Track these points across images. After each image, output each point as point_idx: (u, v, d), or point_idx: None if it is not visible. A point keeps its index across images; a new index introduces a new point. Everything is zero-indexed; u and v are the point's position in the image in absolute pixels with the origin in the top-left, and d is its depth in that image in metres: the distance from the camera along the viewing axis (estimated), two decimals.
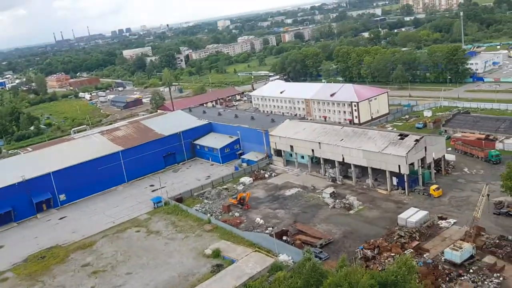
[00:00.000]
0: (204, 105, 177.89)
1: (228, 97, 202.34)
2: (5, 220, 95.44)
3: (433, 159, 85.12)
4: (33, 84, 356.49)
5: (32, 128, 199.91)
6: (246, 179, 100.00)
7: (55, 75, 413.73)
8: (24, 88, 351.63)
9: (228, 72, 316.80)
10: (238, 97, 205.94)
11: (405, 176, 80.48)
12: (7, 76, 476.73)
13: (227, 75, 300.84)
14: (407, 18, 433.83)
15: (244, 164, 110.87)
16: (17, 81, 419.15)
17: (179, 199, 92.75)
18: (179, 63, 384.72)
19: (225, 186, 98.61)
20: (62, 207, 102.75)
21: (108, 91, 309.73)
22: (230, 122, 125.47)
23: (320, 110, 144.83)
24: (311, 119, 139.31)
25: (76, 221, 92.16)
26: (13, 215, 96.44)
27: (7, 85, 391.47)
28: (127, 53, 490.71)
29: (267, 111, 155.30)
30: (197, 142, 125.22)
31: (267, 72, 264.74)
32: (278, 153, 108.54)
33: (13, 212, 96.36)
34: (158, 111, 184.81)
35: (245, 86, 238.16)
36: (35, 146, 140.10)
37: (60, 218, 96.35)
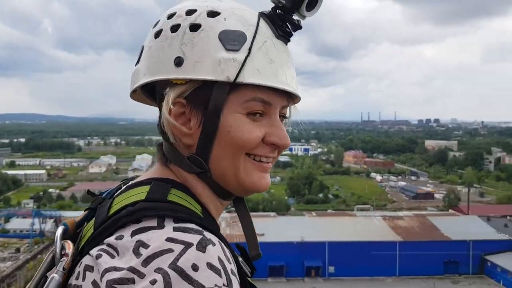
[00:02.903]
0: (509, 217, 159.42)
1: None
2: (277, 273, 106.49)
3: None
4: (332, 155, 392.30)
5: (321, 195, 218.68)
6: None
7: (353, 151, 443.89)
8: (323, 158, 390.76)
9: None
10: None
11: None
12: (312, 144, 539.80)
13: None
14: None
15: None
16: (319, 150, 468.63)
17: None
18: (487, 165, 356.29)
19: None
20: (329, 279, 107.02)
21: (400, 177, 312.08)
22: None
23: None
24: None
25: None
26: (284, 270, 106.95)
27: (310, 152, 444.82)
28: (429, 143, 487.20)
29: None
30: (489, 258, 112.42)
31: None
32: None
33: (285, 268, 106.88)
34: (450, 211, 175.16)
35: None
36: (319, 212, 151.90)
37: None
